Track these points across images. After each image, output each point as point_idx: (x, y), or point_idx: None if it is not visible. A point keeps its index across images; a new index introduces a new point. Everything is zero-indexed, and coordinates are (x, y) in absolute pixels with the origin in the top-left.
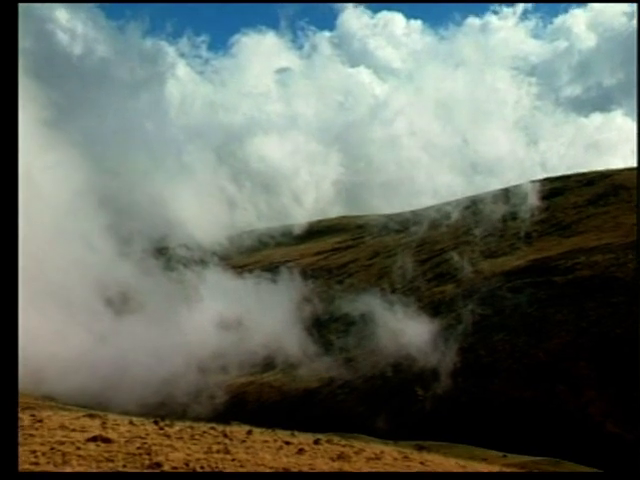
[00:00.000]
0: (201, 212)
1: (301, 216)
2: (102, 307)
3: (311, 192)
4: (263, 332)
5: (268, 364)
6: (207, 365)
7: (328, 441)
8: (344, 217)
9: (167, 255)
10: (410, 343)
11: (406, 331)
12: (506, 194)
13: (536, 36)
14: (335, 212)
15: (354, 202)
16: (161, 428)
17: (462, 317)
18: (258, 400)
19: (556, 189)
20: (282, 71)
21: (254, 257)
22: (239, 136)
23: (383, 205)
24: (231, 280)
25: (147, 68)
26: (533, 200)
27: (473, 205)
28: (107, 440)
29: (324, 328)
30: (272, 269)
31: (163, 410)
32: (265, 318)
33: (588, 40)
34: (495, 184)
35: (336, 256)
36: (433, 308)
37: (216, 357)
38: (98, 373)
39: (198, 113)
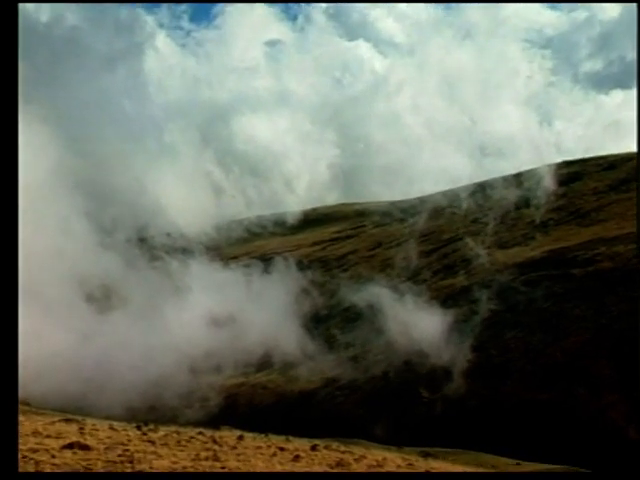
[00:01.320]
0: (185, 199)
1: (294, 203)
2: (82, 302)
3: (304, 177)
4: (258, 329)
5: (263, 363)
6: (198, 365)
7: (326, 447)
8: (343, 204)
9: (151, 246)
10: (414, 341)
11: (411, 328)
12: (519, 179)
13: (553, 6)
14: (331, 199)
15: (352, 188)
16: (144, 433)
17: (471, 313)
18: (250, 403)
19: (574, 173)
20: (272, 44)
21: (245, 248)
22: (224, 115)
23: (384, 191)
24: (222, 273)
25: (123, 39)
26: (549, 185)
27: (483, 191)
28: (85, 447)
29: (321, 324)
30: (265, 261)
31: (152, 414)
32: (260, 314)
33: (610, 10)
34: (506, 167)
35: (335, 246)
36: (440, 303)
37: (208, 356)
38: (79, 375)
39: (180, 89)
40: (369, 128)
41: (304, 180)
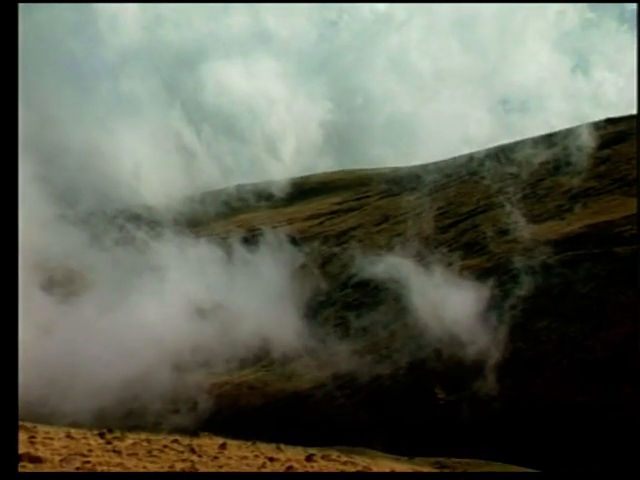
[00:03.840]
0: (150, 163)
1: (279, 171)
2: (42, 288)
3: (290, 138)
4: (247, 317)
5: (250, 358)
6: (179, 361)
7: (324, 457)
8: (342, 171)
9: (118, 220)
10: (428, 333)
11: (423, 318)
12: (552, 140)
13: None
14: (324, 165)
15: (348, 151)
16: (108, 442)
17: (496, 299)
18: (235, 405)
19: (619, 133)
20: None
21: (228, 223)
22: (192, 61)
23: (387, 153)
24: (203, 252)
25: None
26: (588, 148)
27: (508, 154)
28: (36, 459)
29: (318, 312)
30: (253, 238)
31: (131, 420)
32: (249, 299)
33: None
34: (534, 125)
35: (334, 221)
36: (458, 287)
37: (190, 350)
38: (39, 375)
39: (137, 30)
40: (368, 78)
41: (290, 142)
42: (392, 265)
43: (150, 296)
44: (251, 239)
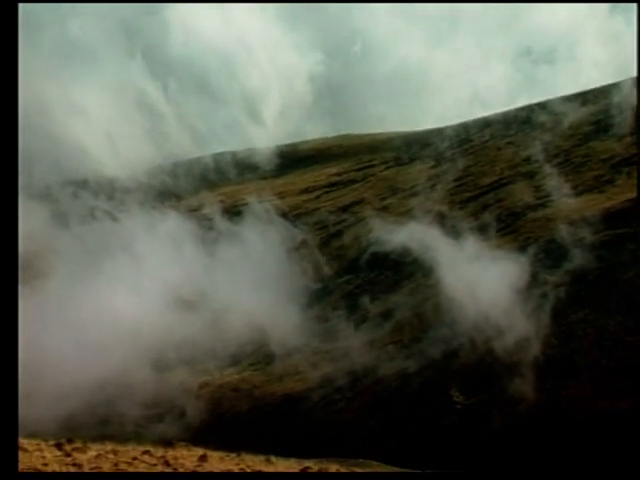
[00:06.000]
0: (110, 127)
1: (260, 137)
2: None
3: (274, 97)
4: (237, 307)
5: (236, 355)
6: (160, 359)
7: (321, 470)
8: (342, 136)
9: (80, 193)
10: (441, 325)
11: (436, 307)
12: (587, 97)
13: None
14: (314, 130)
15: (344, 112)
16: (67, 454)
17: (522, 286)
18: (217, 410)
19: None
20: None
21: (210, 198)
22: (152, 4)
23: (391, 115)
24: (182, 230)
25: None
26: (632, 107)
27: (536, 115)
28: None
29: (315, 302)
30: (239, 215)
31: (103, 429)
32: (239, 286)
33: None
34: (565, 79)
35: (333, 194)
36: (477, 271)
37: (173, 347)
38: None
39: None
40: (367, 21)
41: (274, 101)
42: (398, 247)
43: (124, 283)
44: (237, 216)
